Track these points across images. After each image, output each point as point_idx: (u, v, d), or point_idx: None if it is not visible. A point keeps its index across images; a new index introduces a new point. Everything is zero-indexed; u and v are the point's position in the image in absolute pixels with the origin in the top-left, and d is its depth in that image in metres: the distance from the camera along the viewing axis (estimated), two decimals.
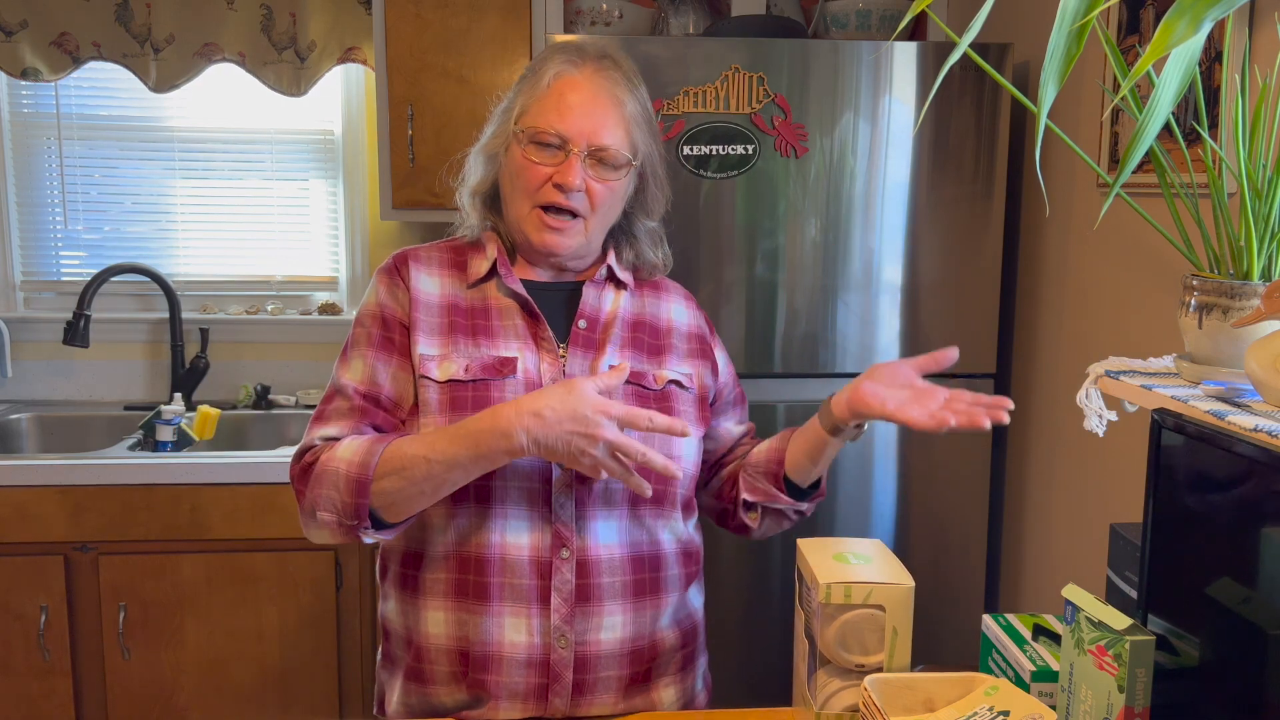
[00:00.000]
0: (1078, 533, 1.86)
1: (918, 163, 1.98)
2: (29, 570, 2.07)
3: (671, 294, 1.35)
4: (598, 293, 1.27)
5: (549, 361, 1.20)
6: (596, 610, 1.17)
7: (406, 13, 2.22)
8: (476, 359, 1.18)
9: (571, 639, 1.17)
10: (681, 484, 1.23)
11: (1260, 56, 1.31)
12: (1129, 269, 1.67)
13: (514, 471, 1.15)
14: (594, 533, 1.17)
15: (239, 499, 2.09)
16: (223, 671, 2.14)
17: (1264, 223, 0.96)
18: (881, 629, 1.02)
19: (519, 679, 1.16)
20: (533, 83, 1.21)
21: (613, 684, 1.20)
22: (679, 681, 1.27)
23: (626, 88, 1.21)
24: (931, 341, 2.03)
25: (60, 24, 2.45)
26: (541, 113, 1.18)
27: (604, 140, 1.18)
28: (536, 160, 1.17)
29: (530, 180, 1.18)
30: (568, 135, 1.17)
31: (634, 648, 1.20)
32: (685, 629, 1.27)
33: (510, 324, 1.22)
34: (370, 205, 2.66)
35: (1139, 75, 0.87)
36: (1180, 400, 0.93)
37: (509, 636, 1.16)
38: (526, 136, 1.18)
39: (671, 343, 1.29)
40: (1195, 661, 0.88)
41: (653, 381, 1.24)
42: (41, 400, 2.62)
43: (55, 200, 2.62)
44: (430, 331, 1.20)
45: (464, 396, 1.16)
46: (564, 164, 1.17)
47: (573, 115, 1.17)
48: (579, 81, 1.19)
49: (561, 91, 1.18)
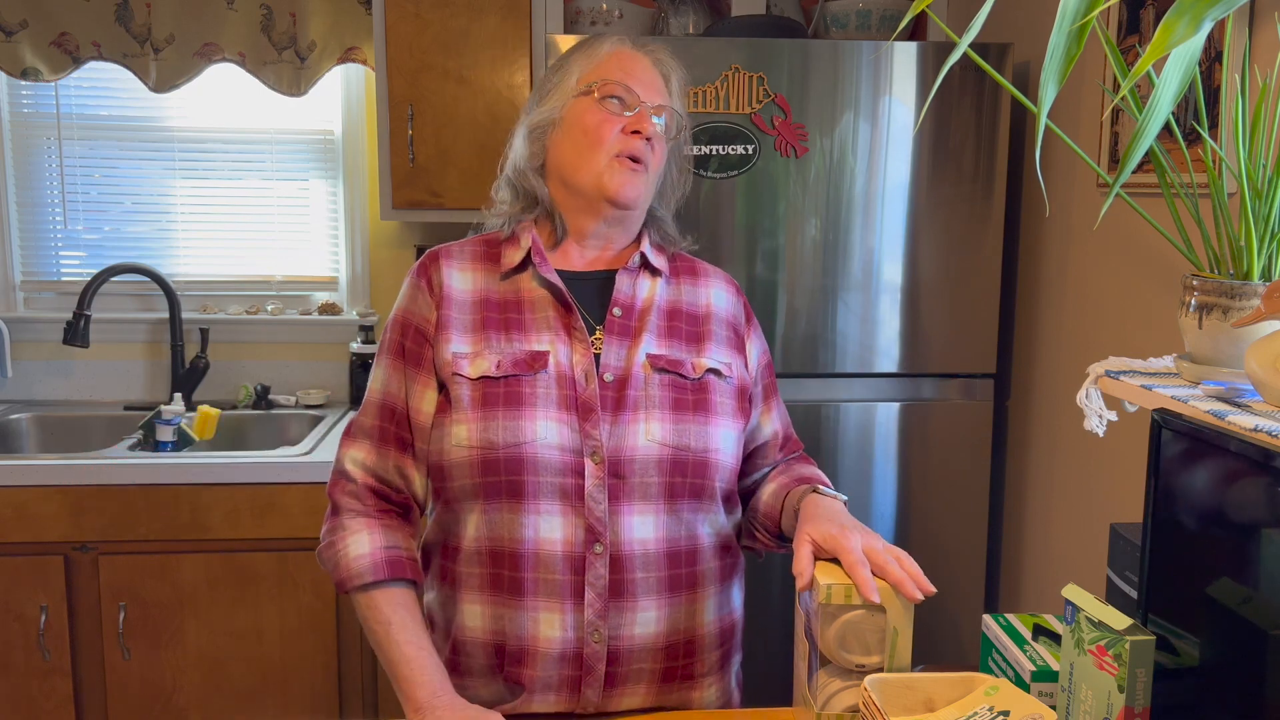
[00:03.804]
0: (1078, 533, 1.86)
1: (918, 163, 1.98)
2: (29, 570, 2.07)
3: (712, 278, 1.33)
4: (632, 280, 1.26)
5: (581, 352, 1.20)
6: (630, 605, 1.17)
7: (406, 13, 2.22)
8: (508, 354, 1.19)
9: (605, 633, 1.16)
10: (721, 476, 1.22)
11: (1260, 56, 1.31)
12: (1129, 269, 1.67)
13: (546, 467, 1.15)
14: (628, 527, 1.17)
15: (239, 499, 2.09)
16: (223, 671, 2.14)
17: (1264, 223, 0.96)
18: (882, 629, 1.02)
19: (553, 672, 1.17)
20: (587, 54, 1.26)
21: (645, 676, 1.19)
22: (719, 680, 1.26)
23: (672, 63, 1.29)
24: (932, 341, 2.03)
25: (60, 24, 2.45)
26: (609, 72, 1.23)
27: (663, 101, 1.25)
28: (611, 111, 1.22)
29: (605, 131, 1.21)
30: (637, 90, 1.22)
31: (669, 642, 1.20)
32: (725, 625, 1.26)
33: (542, 315, 1.22)
34: (370, 205, 2.66)
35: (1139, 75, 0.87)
36: (1180, 400, 0.93)
37: (543, 631, 1.16)
38: (600, 90, 1.22)
39: (711, 329, 1.28)
40: (1195, 661, 0.88)
41: (690, 370, 1.22)
42: (41, 400, 2.62)
43: (55, 200, 2.62)
44: (463, 329, 1.21)
45: (496, 393, 1.17)
46: (637, 114, 1.22)
47: (639, 75, 1.24)
48: (635, 54, 1.26)
49: (622, 59, 1.25)
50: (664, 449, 1.17)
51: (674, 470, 1.18)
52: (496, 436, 1.15)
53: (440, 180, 2.27)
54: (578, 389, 1.18)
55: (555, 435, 1.15)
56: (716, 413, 1.21)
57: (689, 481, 1.19)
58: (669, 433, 1.18)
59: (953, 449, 2.05)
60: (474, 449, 1.15)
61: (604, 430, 1.17)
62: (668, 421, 1.18)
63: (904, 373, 2.04)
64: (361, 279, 2.68)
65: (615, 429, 1.17)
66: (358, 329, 2.61)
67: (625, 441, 1.17)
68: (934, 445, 2.07)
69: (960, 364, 2.05)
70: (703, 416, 1.20)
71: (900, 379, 2.05)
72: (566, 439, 1.16)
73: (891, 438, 2.05)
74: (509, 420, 1.15)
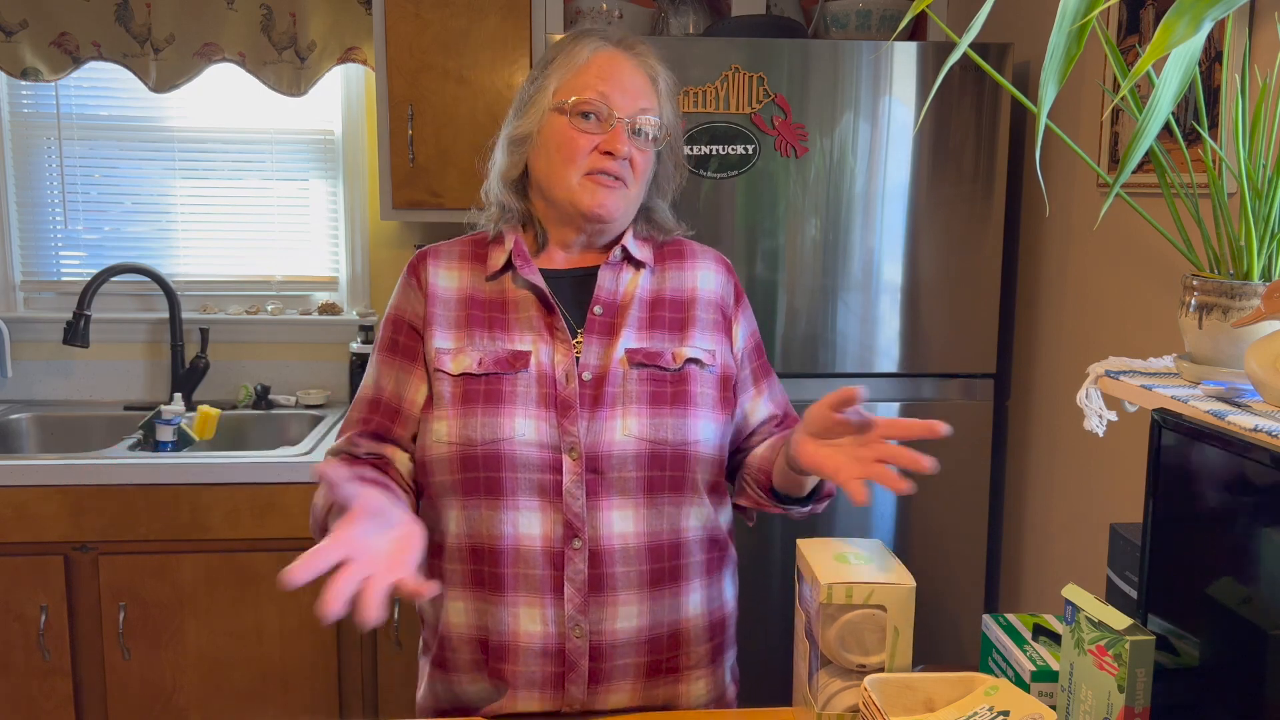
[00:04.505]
0: (1078, 533, 1.86)
1: (918, 163, 1.98)
2: (29, 570, 2.07)
3: (700, 260, 1.32)
4: (614, 275, 1.26)
5: (563, 353, 1.20)
6: (611, 600, 1.18)
7: (406, 13, 2.22)
8: (490, 353, 1.20)
9: (586, 628, 1.17)
10: (702, 469, 1.22)
11: (1260, 56, 1.31)
12: (1129, 269, 1.67)
13: (524, 463, 1.16)
14: (608, 522, 1.17)
15: (239, 499, 2.09)
16: (223, 671, 2.14)
17: (1264, 223, 0.96)
18: (883, 629, 1.02)
19: (535, 668, 1.18)
20: (566, 61, 1.23)
21: (629, 672, 1.20)
22: (710, 674, 1.26)
23: (658, 63, 1.26)
24: (931, 341, 2.03)
25: (60, 24, 2.45)
26: (585, 84, 1.20)
27: (645, 110, 1.21)
28: (583, 129, 1.19)
29: (578, 149, 1.19)
30: (613, 104, 1.19)
31: (652, 636, 1.20)
32: (714, 619, 1.26)
33: (525, 316, 1.23)
34: (370, 205, 2.66)
35: (1139, 75, 0.87)
36: (1180, 400, 0.93)
37: (524, 626, 1.17)
38: (572, 108, 1.20)
39: (696, 314, 1.27)
40: (1195, 661, 0.88)
41: (670, 361, 1.22)
42: (41, 400, 2.62)
43: (55, 200, 2.62)
44: (447, 325, 1.22)
45: (476, 390, 1.18)
46: (612, 132, 1.19)
47: (618, 85, 1.20)
48: (618, 56, 1.22)
49: (602, 65, 1.21)
50: (641, 443, 1.18)
51: (652, 464, 1.18)
52: (475, 433, 1.16)
53: (440, 180, 2.27)
54: (557, 388, 1.18)
55: (533, 432, 1.16)
56: (696, 404, 1.21)
57: (668, 475, 1.19)
58: (646, 427, 1.18)
59: (953, 449, 2.05)
60: (453, 445, 1.17)
61: (581, 426, 1.17)
62: (645, 416, 1.19)
63: (904, 373, 2.04)
64: (361, 279, 2.68)
65: (593, 425, 1.17)
66: (358, 329, 2.61)
67: (602, 437, 1.17)
68: (934, 445, 2.06)
69: (960, 364, 2.05)
70: (681, 409, 1.20)
71: (900, 379, 2.05)
72: (545, 435, 1.16)
73: None
74: (488, 417, 1.16)
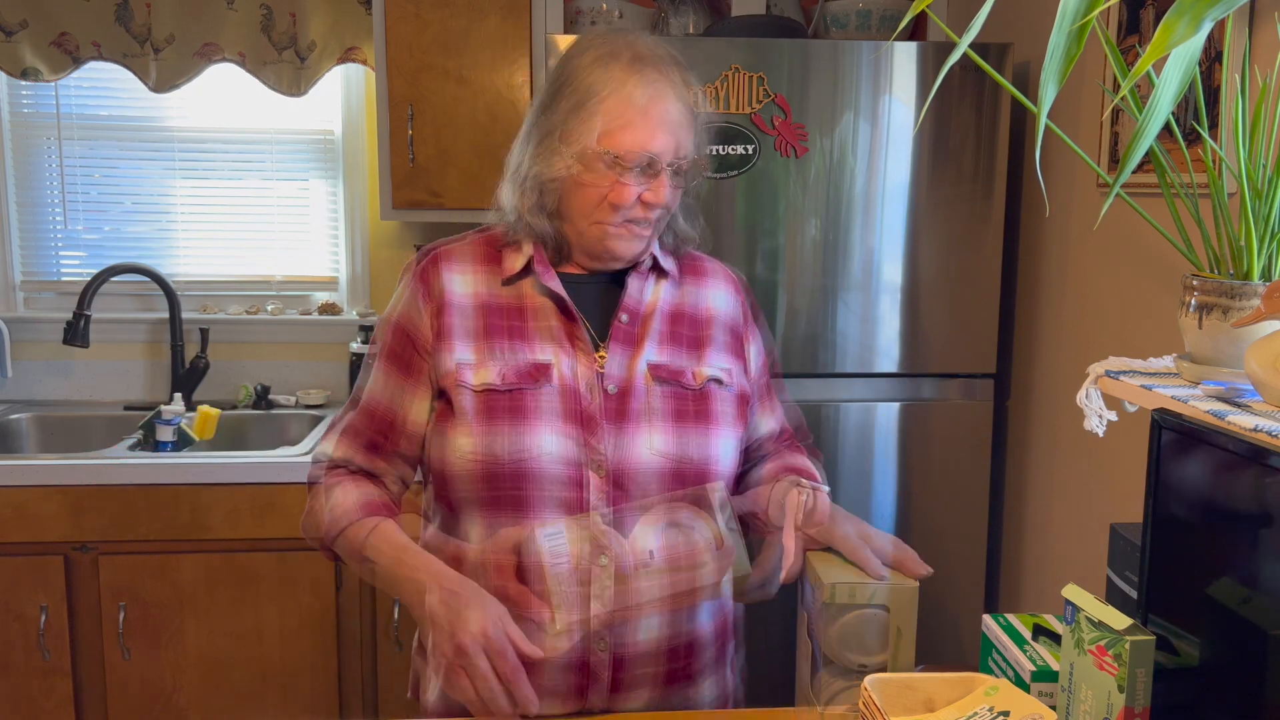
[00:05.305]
0: (1078, 533, 1.86)
1: (918, 163, 1.98)
2: (29, 570, 2.07)
3: (715, 278, 1.31)
4: (641, 283, 1.25)
5: (585, 364, 1.19)
6: (634, 614, 1.17)
7: (406, 13, 2.22)
8: (512, 365, 1.18)
9: (610, 642, 1.17)
10: (718, 486, 1.21)
11: (1260, 56, 1.31)
12: (1129, 269, 1.67)
13: (551, 480, 1.15)
14: (632, 539, 1.17)
15: (239, 499, 2.09)
16: (223, 671, 2.14)
17: (1264, 223, 0.96)
18: (884, 629, 1.02)
19: (559, 680, 1.17)
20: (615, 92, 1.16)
21: (648, 680, 1.20)
22: (716, 674, 1.27)
23: (684, 84, 1.20)
24: (931, 341, 2.03)
25: (60, 24, 2.45)
26: (634, 139, 1.15)
27: (685, 152, 1.19)
28: (627, 183, 1.16)
29: (623, 200, 1.16)
30: (657, 154, 1.16)
31: (671, 646, 1.20)
32: (719, 623, 1.27)
33: (545, 325, 1.21)
34: (370, 205, 2.66)
35: (1139, 75, 0.87)
36: (1180, 400, 0.93)
37: None
38: (619, 161, 1.15)
39: (712, 334, 1.27)
40: (1195, 661, 0.88)
41: (691, 380, 1.22)
42: (41, 400, 2.62)
43: (55, 200, 2.62)
44: (466, 336, 1.20)
45: (500, 405, 1.16)
46: (655, 183, 1.16)
47: (664, 126, 1.16)
48: (665, 94, 1.17)
49: (645, 107, 1.15)
50: (666, 460, 1.17)
51: (675, 482, 1.18)
52: (500, 450, 1.14)
53: (440, 180, 2.27)
54: (581, 401, 1.17)
55: (559, 448, 1.15)
56: (718, 422, 1.21)
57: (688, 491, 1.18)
58: (671, 444, 1.18)
59: (953, 449, 2.05)
60: (477, 461, 1.15)
61: (607, 443, 1.16)
62: (670, 433, 1.18)
63: (904, 373, 2.04)
64: (361, 279, 2.68)
65: (619, 441, 1.17)
66: (358, 329, 2.61)
67: (628, 454, 1.16)
68: (934, 445, 2.07)
69: (960, 364, 2.05)
70: (704, 426, 1.20)
71: (900, 379, 2.05)
72: (570, 452, 1.15)
73: (891, 438, 2.05)
74: (513, 433, 1.15)
